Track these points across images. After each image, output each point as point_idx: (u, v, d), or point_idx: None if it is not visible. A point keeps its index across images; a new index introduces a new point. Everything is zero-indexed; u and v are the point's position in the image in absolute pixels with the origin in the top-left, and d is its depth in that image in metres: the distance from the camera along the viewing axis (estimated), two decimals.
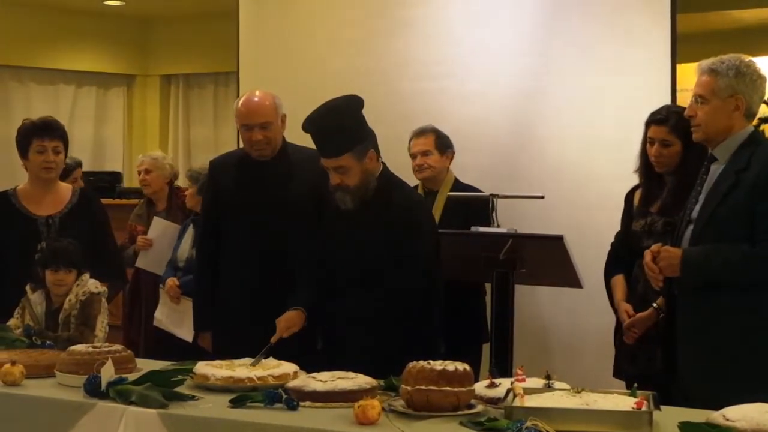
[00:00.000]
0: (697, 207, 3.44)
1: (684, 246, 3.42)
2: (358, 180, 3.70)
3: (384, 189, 3.76)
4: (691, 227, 3.43)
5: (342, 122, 3.68)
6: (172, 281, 5.45)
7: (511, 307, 4.38)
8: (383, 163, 3.81)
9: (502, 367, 4.09)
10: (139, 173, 6.23)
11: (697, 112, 3.45)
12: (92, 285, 4.01)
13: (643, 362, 4.10)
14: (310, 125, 3.74)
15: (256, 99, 4.25)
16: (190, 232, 5.56)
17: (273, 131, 4.22)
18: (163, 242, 5.84)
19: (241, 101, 4.29)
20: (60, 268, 3.98)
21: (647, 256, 3.46)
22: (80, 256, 4.03)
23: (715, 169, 3.44)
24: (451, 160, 5.00)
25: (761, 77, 3.43)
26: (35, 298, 4.01)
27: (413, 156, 4.94)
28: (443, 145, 4.96)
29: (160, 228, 5.93)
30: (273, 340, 3.63)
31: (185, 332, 5.22)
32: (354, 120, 3.72)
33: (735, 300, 3.29)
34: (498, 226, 4.47)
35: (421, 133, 4.98)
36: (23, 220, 4.39)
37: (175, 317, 5.44)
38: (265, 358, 3.25)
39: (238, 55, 6.50)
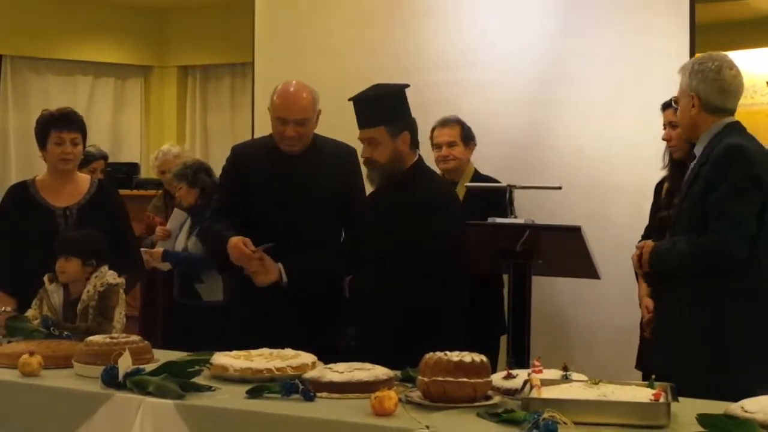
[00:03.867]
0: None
1: None
2: (386, 157, 3.80)
3: (415, 177, 3.84)
4: None
5: (382, 97, 3.84)
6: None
7: (528, 299, 4.38)
8: (419, 154, 3.91)
9: (520, 358, 4.08)
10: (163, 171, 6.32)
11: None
12: (110, 276, 4.02)
13: None
14: (355, 97, 3.87)
15: (295, 93, 4.06)
16: (186, 224, 5.71)
17: (308, 127, 4.08)
18: (180, 234, 5.87)
19: (278, 93, 4.09)
20: (61, 256, 3.98)
21: (635, 251, 3.57)
22: (96, 246, 4.04)
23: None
24: (473, 151, 5.00)
25: (718, 71, 3.44)
26: (53, 289, 4.02)
27: (438, 146, 4.93)
28: (467, 136, 4.98)
29: (180, 219, 5.95)
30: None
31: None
32: (394, 100, 3.86)
33: (690, 290, 3.36)
34: (515, 217, 4.47)
35: (446, 123, 4.98)
36: (41, 210, 4.40)
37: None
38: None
39: (253, 46, 6.50)
